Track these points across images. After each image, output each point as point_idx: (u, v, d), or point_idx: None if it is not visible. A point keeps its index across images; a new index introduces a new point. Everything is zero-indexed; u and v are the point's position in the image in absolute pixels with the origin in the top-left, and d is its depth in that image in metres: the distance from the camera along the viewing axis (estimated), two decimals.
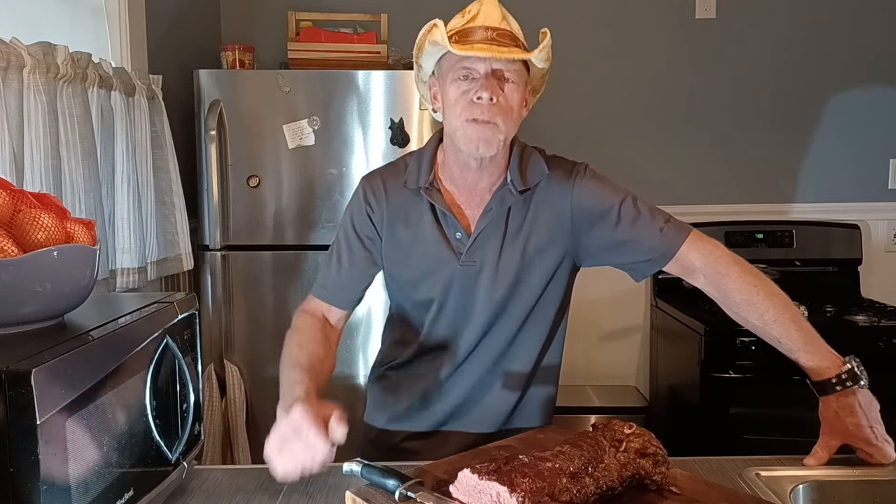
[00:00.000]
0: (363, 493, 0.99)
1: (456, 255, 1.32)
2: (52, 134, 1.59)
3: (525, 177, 1.32)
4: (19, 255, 0.88)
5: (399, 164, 1.42)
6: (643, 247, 1.30)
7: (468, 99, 1.23)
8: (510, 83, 1.24)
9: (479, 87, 1.21)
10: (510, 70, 1.23)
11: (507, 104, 1.24)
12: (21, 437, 0.74)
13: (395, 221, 1.36)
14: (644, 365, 3.13)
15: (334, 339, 1.39)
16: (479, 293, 1.33)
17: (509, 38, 1.23)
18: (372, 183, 1.40)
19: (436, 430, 1.41)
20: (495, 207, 1.32)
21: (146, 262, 2.05)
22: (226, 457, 2.44)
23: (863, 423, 1.16)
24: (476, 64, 1.22)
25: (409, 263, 1.36)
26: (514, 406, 1.39)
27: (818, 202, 3.07)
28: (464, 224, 1.33)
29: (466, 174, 1.32)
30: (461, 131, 1.25)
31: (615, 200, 1.31)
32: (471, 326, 1.35)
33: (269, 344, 2.47)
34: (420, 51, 1.30)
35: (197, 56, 2.67)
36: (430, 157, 1.36)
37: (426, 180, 1.34)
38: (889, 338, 2.34)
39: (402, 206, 1.36)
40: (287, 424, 1.05)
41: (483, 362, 1.37)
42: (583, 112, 2.99)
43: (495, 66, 1.22)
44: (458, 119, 1.24)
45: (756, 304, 1.24)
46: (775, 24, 3.00)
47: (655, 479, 0.99)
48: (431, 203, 1.33)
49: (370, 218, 1.38)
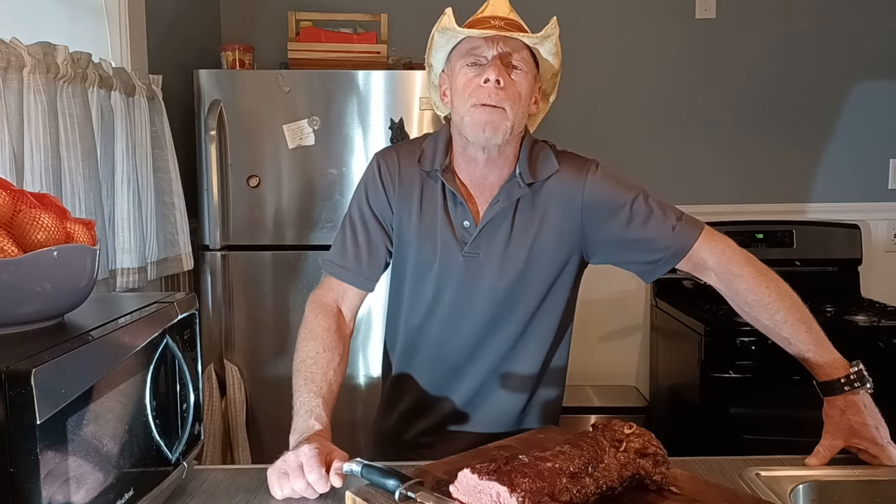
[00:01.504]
0: (363, 493, 0.99)
1: (460, 245, 1.32)
2: (52, 134, 1.59)
3: (534, 170, 1.31)
4: (19, 255, 0.88)
5: (415, 143, 1.40)
6: (656, 245, 1.29)
7: (476, 83, 1.23)
8: (518, 70, 1.24)
9: (486, 70, 1.22)
10: (518, 59, 1.24)
11: (515, 90, 1.23)
12: (21, 437, 0.74)
13: (406, 200, 1.35)
14: (644, 365, 3.13)
15: (348, 337, 1.36)
16: (481, 285, 1.32)
17: (516, 28, 1.24)
18: (386, 158, 1.38)
19: (445, 428, 1.40)
20: (503, 199, 1.31)
21: (146, 262, 2.05)
22: (226, 457, 2.44)
23: (868, 423, 1.16)
24: (483, 50, 1.23)
25: (415, 246, 1.35)
26: (522, 408, 1.39)
27: (818, 202, 3.07)
28: (473, 213, 1.32)
29: (474, 168, 1.32)
30: (468, 116, 1.24)
31: (628, 198, 1.30)
32: (472, 320, 1.34)
33: (269, 344, 2.47)
34: (430, 48, 1.30)
35: (197, 56, 2.67)
36: (445, 141, 1.35)
37: (441, 163, 1.33)
38: (889, 338, 2.34)
39: (416, 185, 1.35)
40: (294, 459, 1.08)
41: (489, 360, 1.36)
42: (582, 112, 2.99)
43: (502, 49, 1.23)
44: (465, 104, 1.24)
45: (767, 304, 1.24)
46: (775, 24, 3.00)
47: (655, 479, 0.99)
48: (444, 187, 1.33)
49: (385, 192, 1.36)
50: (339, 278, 1.37)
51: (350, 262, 1.36)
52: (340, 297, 1.37)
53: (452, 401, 1.39)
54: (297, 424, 1.20)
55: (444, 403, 1.39)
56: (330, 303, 1.36)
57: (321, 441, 1.13)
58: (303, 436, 1.16)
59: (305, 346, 1.30)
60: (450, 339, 1.36)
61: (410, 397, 1.42)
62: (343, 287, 1.37)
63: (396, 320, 1.44)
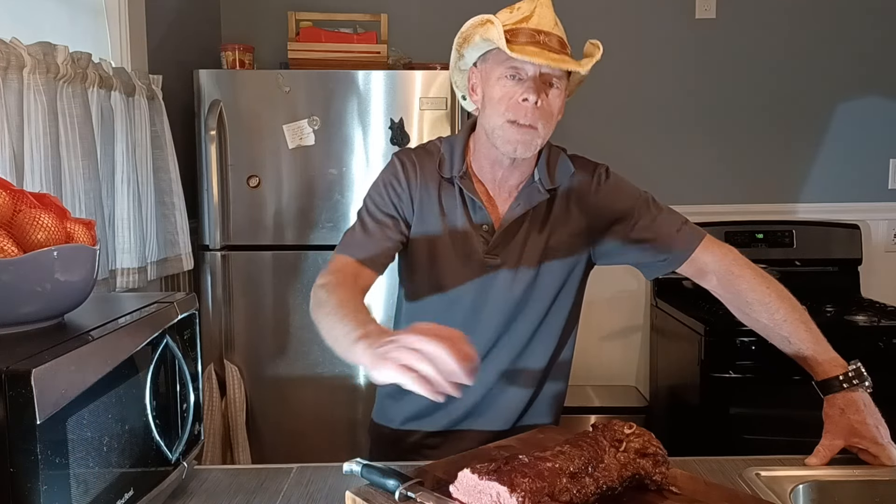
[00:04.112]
0: (363, 493, 0.99)
1: (481, 248, 1.33)
2: (52, 134, 1.59)
3: (553, 176, 1.34)
4: (19, 255, 0.88)
5: (430, 148, 1.39)
6: (660, 248, 1.33)
7: (514, 99, 1.22)
8: (555, 88, 1.24)
9: (527, 90, 1.21)
10: (557, 76, 1.24)
11: (550, 108, 1.24)
12: (21, 437, 0.74)
13: (428, 202, 1.35)
14: (644, 365, 3.13)
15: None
16: (497, 289, 1.33)
17: (558, 44, 1.23)
18: (409, 158, 1.37)
19: (451, 428, 1.40)
20: (523, 204, 1.32)
21: (146, 262, 2.05)
22: (226, 457, 2.45)
23: (868, 422, 1.17)
24: (525, 65, 1.22)
25: (435, 249, 1.35)
26: (529, 403, 1.40)
27: (818, 202, 3.07)
28: (493, 216, 1.33)
29: (498, 170, 1.33)
30: (500, 131, 1.24)
31: (635, 201, 1.35)
32: (489, 321, 1.34)
33: (269, 344, 2.47)
34: (467, 42, 1.28)
35: (197, 56, 2.67)
36: (461, 148, 1.36)
37: (459, 170, 1.33)
38: (889, 338, 2.33)
39: (436, 189, 1.35)
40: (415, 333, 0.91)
41: (501, 360, 1.37)
42: (581, 112, 2.97)
43: (544, 70, 1.22)
44: (499, 118, 1.24)
45: (767, 304, 1.27)
46: (775, 25, 3.00)
47: (655, 479, 0.99)
48: (462, 192, 1.33)
49: (409, 188, 1.34)
50: (352, 256, 1.29)
51: (360, 245, 1.31)
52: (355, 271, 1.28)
53: (463, 402, 1.38)
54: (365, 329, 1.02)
55: (455, 405, 1.39)
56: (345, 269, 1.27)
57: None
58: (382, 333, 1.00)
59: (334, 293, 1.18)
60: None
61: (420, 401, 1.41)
62: (357, 267, 1.28)
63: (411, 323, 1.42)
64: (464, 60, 1.33)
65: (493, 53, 1.26)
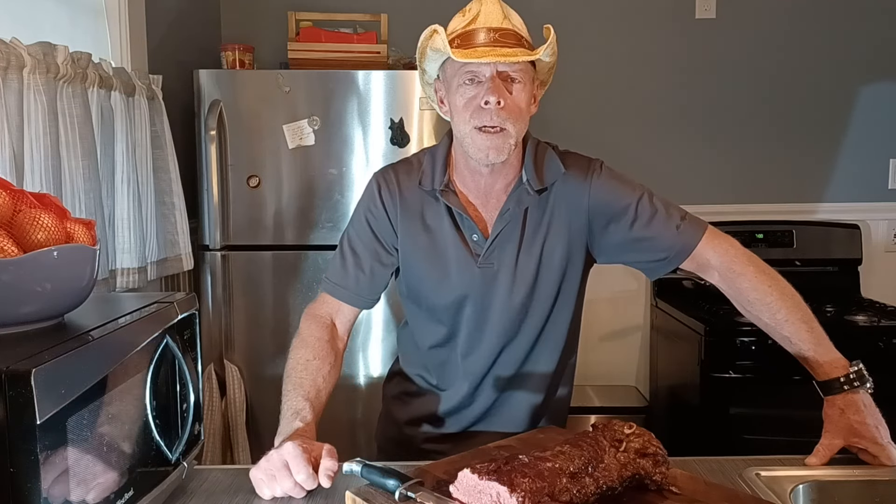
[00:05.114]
0: (363, 493, 0.99)
1: (474, 258, 1.31)
2: (52, 134, 1.59)
3: (541, 176, 1.31)
4: (19, 255, 0.88)
5: (412, 161, 1.38)
6: (660, 245, 1.30)
7: (475, 105, 1.20)
8: (517, 83, 1.21)
9: (486, 92, 1.19)
10: (516, 70, 1.21)
11: (516, 105, 1.21)
12: (21, 437, 0.74)
13: (410, 220, 1.33)
14: (644, 365, 3.13)
15: (341, 350, 1.36)
16: (498, 296, 1.32)
17: (513, 38, 1.20)
18: (386, 178, 1.36)
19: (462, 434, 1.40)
20: (512, 208, 1.30)
21: (146, 262, 2.05)
22: (226, 457, 2.44)
23: (868, 422, 1.16)
24: (481, 67, 1.20)
25: (427, 266, 1.34)
26: (542, 409, 1.39)
27: (818, 202, 3.07)
28: (480, 226, 1.31)
29: (479, 178, 1.31)
30: (469, 139, 1.23)
31: (632, 198, 1.30)
32: (494, 329, 1.33)
33: (269, 344, 2.47)
34: (422, 56, 1.28)
35: (197, 56, 2.67)
36: (443, 158, 1.34)
37: (441, 182, 1.31)
38: (889, 338, 2.34)
39: (418, 205, 1.33)
40: (279, 458, 1.07)
41: (509, 364, 1.36)
42: (581, 111, 2.99)
43: (501, 68, 1.20)
44: (466, 125, 1.22)
45: (769, 303, 1.25)
46: (775, 24, 3.00)
47: (655, 479, 0.99)
48: (448, 205, 1.31)
49: (386, 213, 1.34)
50: (334, 296, 1.36)
51: (348, 281, 1.36)
52: (335, 311, 1.37)
53: (474, 409, 1.39)
54: (282, 427, 1.20)
55: (466, 413, 1.39)
56: (324, 315, 1.36)
57: (304, 439, 1.12)
58: (286, 437, 1.15)
59: (296, 353, 1.30)
60: (473, 351, 1.36)
61: (432, 411, 1.41)
62: (337, 303, 1.36)
63: (416, 340, 1.43)
64: (427, 74, 1.32)
65: (450, 62, 1.24)
